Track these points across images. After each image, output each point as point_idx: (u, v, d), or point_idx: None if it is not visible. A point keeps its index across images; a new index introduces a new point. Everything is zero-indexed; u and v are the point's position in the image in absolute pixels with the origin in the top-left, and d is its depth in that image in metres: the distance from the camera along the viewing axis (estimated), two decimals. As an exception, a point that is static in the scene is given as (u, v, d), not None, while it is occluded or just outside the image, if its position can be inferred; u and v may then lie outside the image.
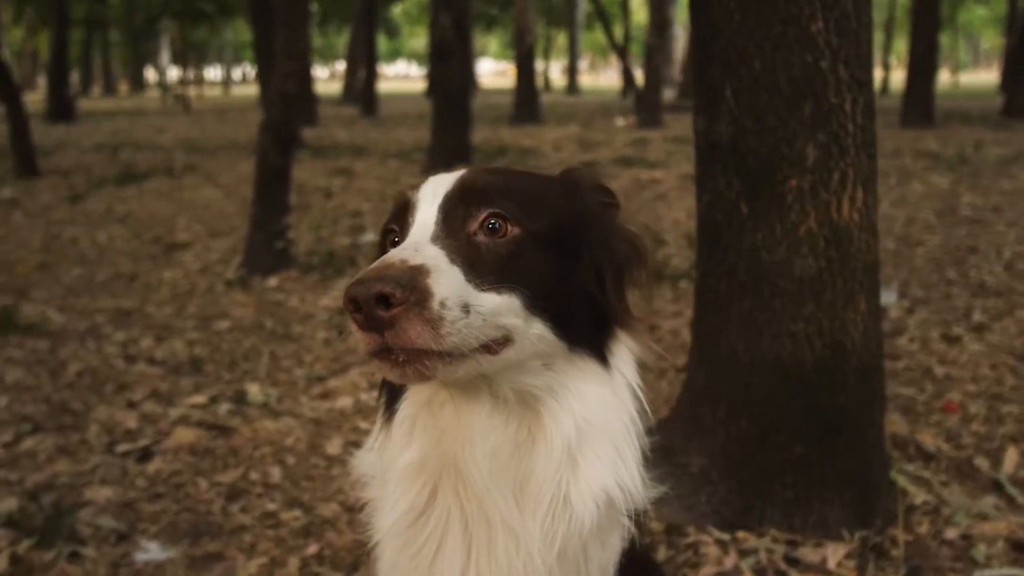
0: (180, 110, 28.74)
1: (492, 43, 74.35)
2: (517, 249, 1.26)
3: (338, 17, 39.99)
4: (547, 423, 1.29)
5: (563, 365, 1.31)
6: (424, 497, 1.34)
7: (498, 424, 1.29)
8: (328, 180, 11.25)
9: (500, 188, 1.30)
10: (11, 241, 7.69)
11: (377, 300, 1.10)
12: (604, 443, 1.30)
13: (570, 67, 45.55)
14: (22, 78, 47.07)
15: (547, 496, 1.29)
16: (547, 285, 1.27)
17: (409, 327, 1.11)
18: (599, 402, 1.31)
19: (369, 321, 1.11)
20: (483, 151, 13.73)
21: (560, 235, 1.32)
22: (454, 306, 1.14)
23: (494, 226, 1.26)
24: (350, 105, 29.50)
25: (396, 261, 1.15)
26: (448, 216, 1.27)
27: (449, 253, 1.21)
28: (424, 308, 1.11)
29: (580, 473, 1.29)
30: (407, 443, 1.35)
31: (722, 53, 2.54)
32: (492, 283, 1.21)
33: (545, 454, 1.29)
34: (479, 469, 1.28)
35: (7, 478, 3.31)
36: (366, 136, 18.17)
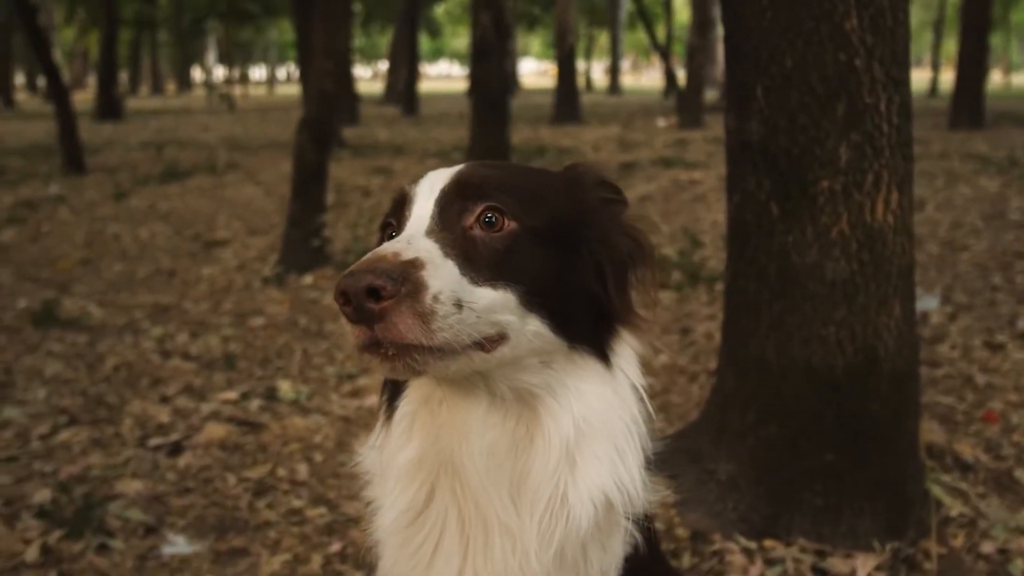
0: (225, 109, 29.16)
1: (534, 43, 74.32)
2: (514, 244, 1.24)
3: (381, 17, 40.25)
4: (545, 422, 1.27)
5: (563, 363, 1.28)
6: (422, 496, 1.32)
7: (495, 421, 1.27)
8: (367, 179, 11.32)
9: (498, 182, 1.27)
10: (56, 237, 7.84)
11: (367, 293, 1.08)
12: (604, 443, 1.27)
13: (612, 67, 45.33)
14: (73, 77, 48.12)
15: (544, 496, 1.26)
16: (544, 281, 1.25)
17: (399, 320, 1.09)
18: (600, 401, 1.28)
19: (359, 314, 1.10)
20: (522, 151, 13.71)
21: (559, 231, 1.30)
22: (447, 300, 1.12)
23: (491, 220, 1.24)
24: (392, 105, 29.67)
25: (388, 254, 1.13)
26: (444, 210, 1.25)
27: (444, 247, 1.19)
28: (416, 301, 1.10)
29: (578, 473, 1.26)
30: (406, 441, 1.34)
31: (753, 51, 2.49)
32: (487, 278, 1.19)
33: (543, 453, 1.26)
34: (475, 467, 1.26)
35: (42, 469, 3.36)
36: (406, 135, 18.26)
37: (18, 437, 3.65)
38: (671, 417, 3.76)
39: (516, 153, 12.78)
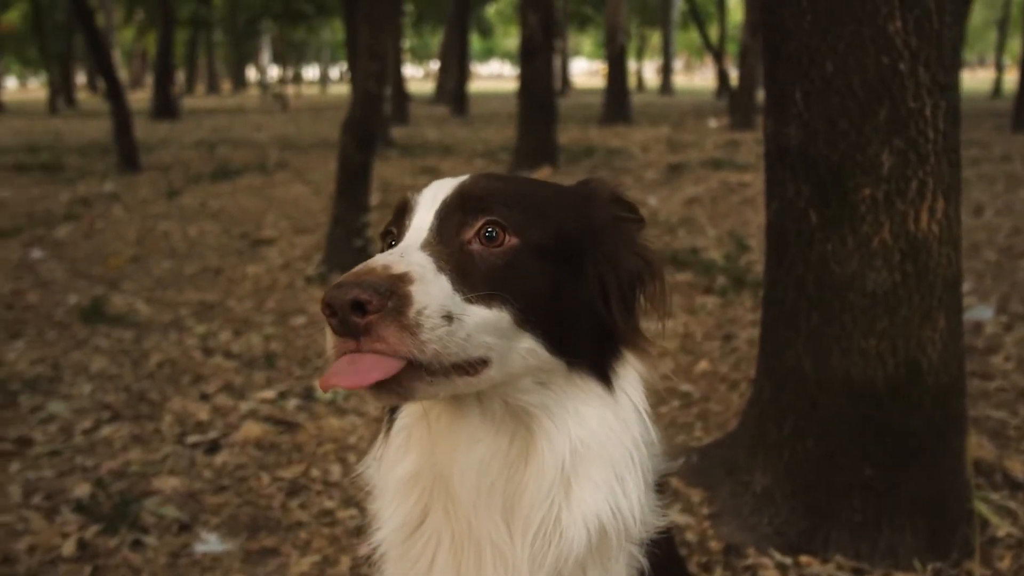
0: (278, 108, 29.57)
1: (586, 43, 74.09)
2: (513, 260, 1.21)
3: (432, 18, 40.48)
4: (540, 442, 1.24)
5: (561, 384, 1.25)
6: (418, 512, 1.31)
7: (487, 439, 1.24)
8: (414, 179, 11.37)
9: (501, 196, 1.24)
10: (109, 234, 8.01)
11: (352, 306, 1.06)
12: (602, 468, 1.23)
13: (664, 67, 44.97)
14: (132, 77, 49.24)
15: (537, 518, 1.23)
16: (543, 299, 1.22)
17: (387, 334, 1.07)
18: (599, 425, 1.24)
19: (344, 327, 1.08)
20: (569, 151, 13.66)
21: (563, 248, 1.26)
22: (434, 315, 1.10)
23: (491, 234, 1.21)
24: (442, 104, 29.82)
25: (378, 267, 1.11)
26: (444, 222, 1.23)
27: (438, 260, 1.17)
28: (401, 315, 1.08)
29: (573, 497, 1.23)
30: (403, 454, 1.32)
31: (793, 54, 2.43)
32: (482, 295, 1.16)
33: (536, 474, 1.23)
34: (465, 484, 1.24)
35: (84, 464, 3.43)
36: (455, 135, 18.32)
37: (62, 431, 3.73)
38: (709, 426, 3.69)
39: (564, 153, 12.74)
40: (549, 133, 12.01)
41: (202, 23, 35.03)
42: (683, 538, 2.87)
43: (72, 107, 33.30)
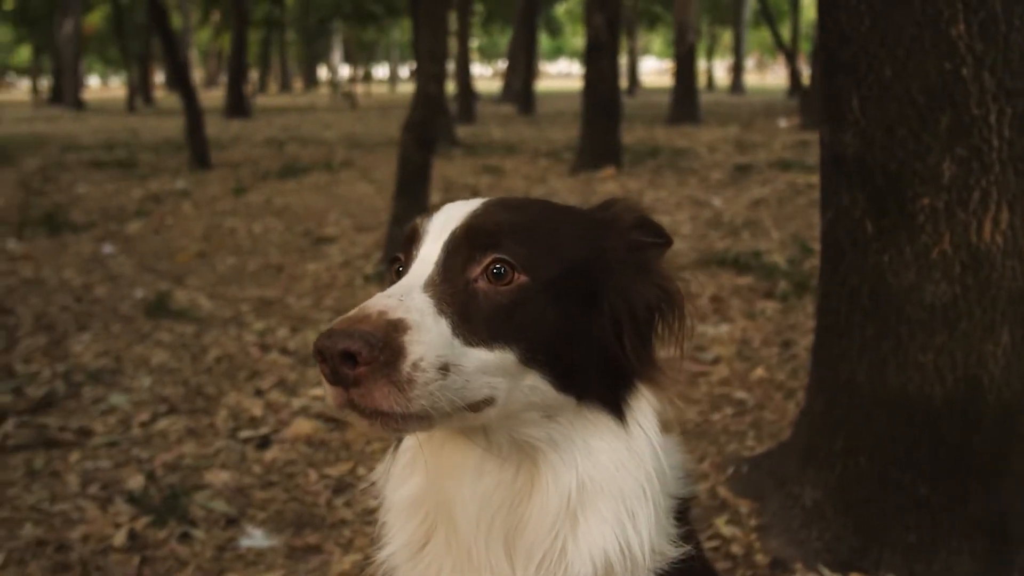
0: (347, 107, 30.00)
1: (656, 41, 73.47)
2: (521, 299, 1.16)
3: (501, 17, 40.60)
4: (545, 476, 1.21)
5: (570, 417, 1.21)
6: (420, 535, 1.29)
7: (491, 469, 1.22)
8: (476, 178, 11.41)
9: (512, 229, 1.19)
10: (177, 230, 8.22)
11: (343, 357, 1.03)
12: (611, 502, 1.20)
13: (735, 66, 44.27)
14: (207, 76, 50.56)
15: (540, 550, 1.20)
16: (551, 338, 1.18)
17: (375, 388, 1.04)
18: (610, 459, 1.21)
19: (335, 376, 1.05)
20: (634, 151, 13.55)
21: (575, 284, 1.21)
22: (429, 367, 1.06)
23: (499, 272, 1.16)
24: (509, 103, 29.88)
25: (374, 313, 1.07)
26: (450, 257, 1.19)
27: (439, 302, 1.13)
28: (393, 370, 1.04)
29: (580, 531, 1.19)
30: (408, 476, 1.30)
31: (850, 59, 2.35)
32: (485, 338, 1.12)
33: (539, 508, 1.20)
34: (467, 513, 1.22)
35: (139, 456, 3.51)
36: (520, 134, 18.33)
37: (121, 423, 3.83)
38: (762, 435, 3.61)
39: (628, 153, 12.65)
40: (613, 133, 11.92)
41: (275, 23, 35.75)
42: (728, 550, 2.81)
43: (150, 106, 34.33)
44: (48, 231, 7.98)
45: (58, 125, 23.73)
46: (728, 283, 5.93)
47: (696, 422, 3.78)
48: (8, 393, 4.13)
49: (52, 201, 9.79)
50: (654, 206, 9.01)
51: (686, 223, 8.11)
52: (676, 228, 7.85)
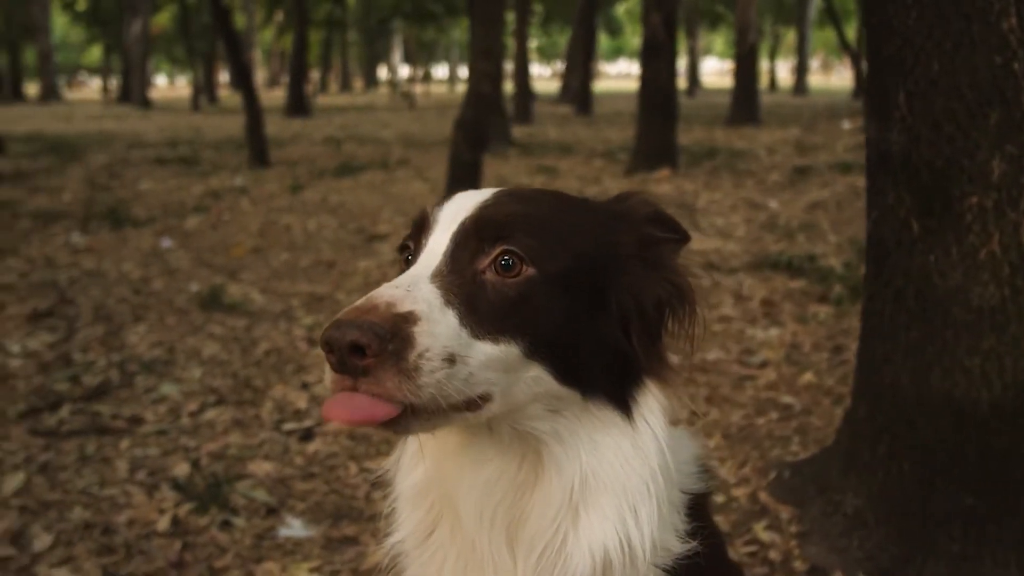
0: (405, 106, 30.27)
1: (717, 41, 72.63)
2: (528, 292, 1.15)
3: (560, 17, 40.56)
4: (548, 469, 1.20)
5: (575, 412, 1.20)
6: (427, 523, 1.29)
7: (495, 462, 1.22)
8: (530, 177, 11.40)
9: (522, 221, 1.18)
10: (234, 225, 8.38)
11: (351, 348, 1.03)
12: (614, 498, 1.18)
13: (798, 66, 43.47)
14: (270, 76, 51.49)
15: (541, 542, 1.19)
16: (556, 332, 1.17)
17: (385, 378, 1.04)
18: (615, 454, 1.19)
19: (342, 366, 1.05)
20: (691, 152, 13.41)
21: (584, 277, 1.20)
22: (435, 357, 1.06)
23: (507, 263, 1.16)
24: (567, 103, 29.83)
25: (382, 304, 1.07)
26: (459, 248, 1.18)
27: (446, 293, 1.13)
28: (401, 359, 1.04)
29: (581, 525, 1.18)
30: (415, 464, 1.31)
31: (896, 53, 2.29)
32: (491, 330, 1.12)
33: (541, 501, 1.20)
34: (470, 504, 1.22)
35: (186, 444, 3.59)
36: (576, 135, 18.28)
37: (171, 412, 3.92)
38: (807, 441, 3.54)
39: (685, 154, 12.53)
40: (669, 134, 11.81)
41: (336, 23, 36.24)
42: (766, 556, 2.76)
43: (214, 104, 35.10)
44: (111, 225, 8.21)
45: (125, 123, 24.41)
46: (781, 286, 5.83)
47: (740, 425, 3.73)
48: (65, 381, 4.26)
49: (116, 196, 10.07)
50: (708, 208, 8.91)
51: (740, 225, 8.00)
52: (730, 230, 7.75)
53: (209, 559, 2.80)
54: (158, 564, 2.76)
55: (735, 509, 3.07)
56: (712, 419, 3.80)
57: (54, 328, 5.07)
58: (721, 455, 3.46)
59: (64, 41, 60.70)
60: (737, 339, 4.82)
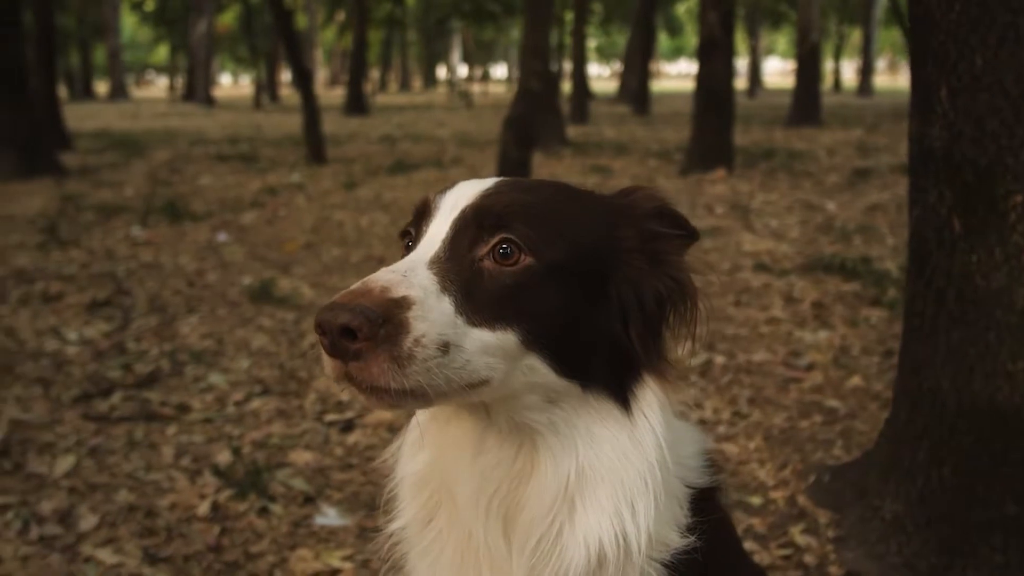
0: (463, 105, 30.42)
1: (780, 41, 71.50)
2: (526, 281, 1.15)
3: (619, 17, 40.36)
4: (544, 460, 1.20)
5: (573, 403, 1.20)
6: (426, 512, 1.30)
7: (492, 451, 1.22)
8: (583, 177, 11.37)
9: (522, 210, 1.18)
10: (289, 221, 8.53)
11: (342, 331, 1.03)
12: (610, 491, 1.18)
13: (864, 67, 42.57)
14: (331, 75, 52.24)
15: (536, 533, 1.19)
16: (553, 322, 1.16)
17: (374, 363, 1.04)
18: (612, 448, 1.19)
19: (334, 348, 1.05)
20: (747, 152, 13.24)
21: (583, 269, 1.20)
22: (430, 344, 1.06)
23: (506, 252, 1.15)
24: (624, 103, 29.68)
25: (376, 288, 1.07)
26: (458, 235, 1.18)
27: (443, 280, 1.12)
28: (394, 345, 1.04)
29: (577, 517, 1.18)
30: (416, 452, 1.32)
31: (938, 48, 2.23)
32: (488, 318, 1.12)
33: (537, 491, 1.19)
34: (467, 493, 1.22)
35: (230, 432, 3.67)
36: (632, 134, 18.19)
37: (217, 401, 4.01)
38: (851, 445, 3.48)
39: (741, 155, 12.39)
40: (725, 134, 11.67)
41: (396, 23, 36.61)
42: (800, 560, 2.72)
43: (275, 103, 35.74)
44: (170, 219, 8.41)
45: (189, 120, 25.01)
46: (833, 289, 5.73)
47: (782, 428, 3.67)
48: (118, 368, 4.38)
49: (176, 191, 10.32)
50: (762, 209, 8.80)
51: (794, 227, 7.88)
52: (783, 232, 7.64)
53: (246, 544, 2.85)
54: (196, 547, 2.83)
55: (772, 511, 3.03)
56: (754, 421, 3.75)
57: (110, 317, 5.23)
58: (761, 457, 3.41)
59: (133, 40, 62.46)
60: (785, 341, 4.75)
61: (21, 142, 11.49)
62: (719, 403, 3.92)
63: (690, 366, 4.33)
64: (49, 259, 6.77)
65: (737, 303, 5.49)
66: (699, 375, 4.26)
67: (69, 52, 45.03)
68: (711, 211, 8.70)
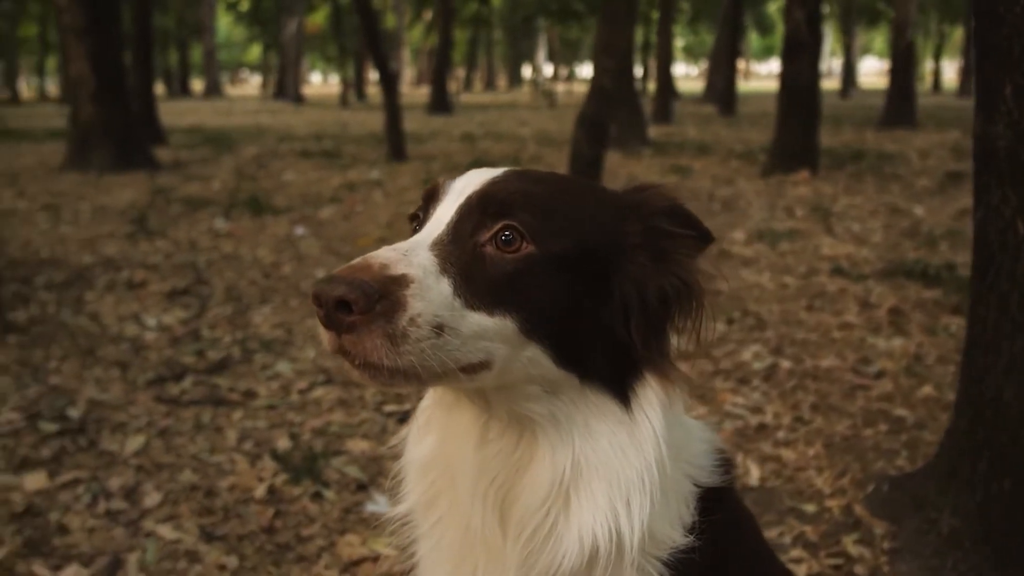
0: (546, 105, 30.44)
1: (877, 40, 69.35)
2: (526, 268, 1.15)
3: (708, 16, 39.77)
4: (542, 451, 1.20)
5: (573, 396, 1.19)
6: (429, 497, 1.32)
7: (492, 439, 1.22)
8: (662, 177, 11.27)
9: (527, 200, 1.18)
10: (365, 216, 8.69)
11: (338, 304, 1.04)
12: (606, 487, 1.17)
13: (965, 67, 40.96)
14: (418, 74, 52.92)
15: (531, 524, 1.20)
16: (552, 312, 1.16)
17: (366, 339, 1.05)
18: (610, 443, 1.18)
19: (329, 321, 1.07)
20: (835, 154, 12.91)
21: (586, 262, 1.19)
22: (424, 324, 1.07)
23: (508, 239, 1.16)
24: (711, 103, 29.25)
25: (376, 264, 1.09)
26: (462, 220, 1.19)
27: (443, 261, 1.13)
28: (388, 322, 1.05)
29: (571, 510, 1.18)
30: (421, 437, 1.34)
31: (1002, 43, 2.14)
32: (486, 302, 1.12)
33: (532, 483, 1.20)
34: (466, 479, 1.23)
35: (292, 419, 3.77)
36: (716, 135, 17.92)
37: (282, 389, 4.12)
38: (915, 456, 3.36)
39: (827, 156, 12.09)
40: (810, 135, 11.39)
41: (482, 22, 36.88)
42: (851, 570, 2.65)
43: (362, 101, 36.41)
44: (251, 212, 8.67)
45: (277, 117, 25.71)
46: (913, 295, 5.54)
47: (844, 435, 3.57)
48: (192, 354, 4.55)
49: (260, 186, 10.62)
50: (845, 212, 8.56)
51: (877, 231, 7.64)
52: (865, 236, 7.42)
53: (297, 527, 2.93)
54: (251, 528, 2.92)
55: (826, 519, 2.95)
56: (815, 427, 3.66)
57: (188, 305, 5.42)
58: (819, 464, 3.33)
59: (228, 40, 64.55)
60: (856, 347, 4.62)
61: (117, 137, 12.02)
62: (781, 408, 3.84)
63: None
64: (136, 248, 7.06)
65: (810, 307, 5.37)
66: (763, 379, 4.18)
67: (168, 51, 46.82)
68: (791, 213, 8.52)
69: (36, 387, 4.07)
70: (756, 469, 3.30)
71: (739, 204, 9.14)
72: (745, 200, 9.39)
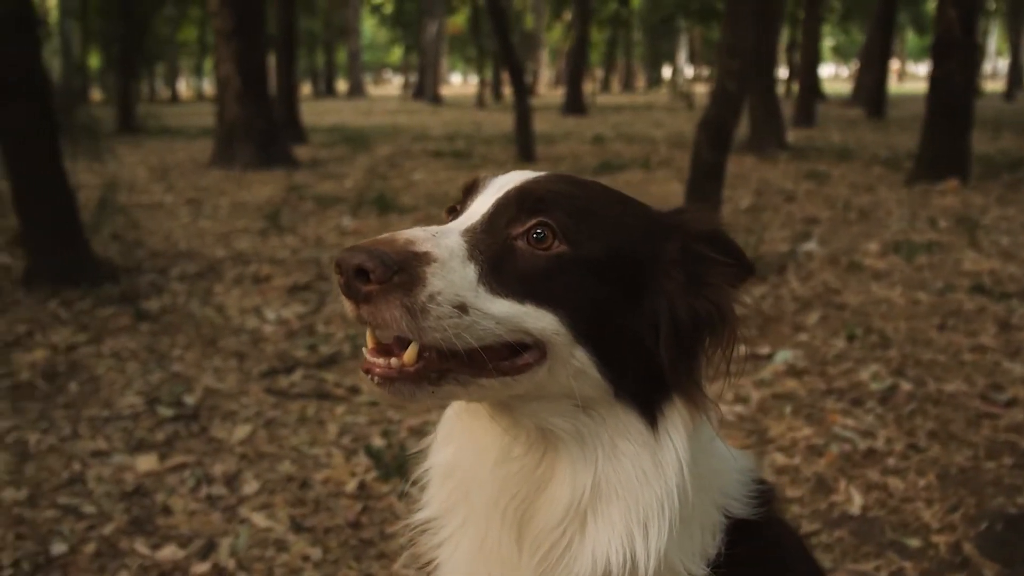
0: (684, 106, 29.93)
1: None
2: (556, 267, 1.14)
3: (861, 14, 38.07)
4: (563, 469, 1.17)
5: (602, 412, 1.17)
6: (448, 505, 1.31)
7: (516, 454, 1.21)
8: (795, 183, 10.88)
9: (564, 202, 1.17)
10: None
11: (357, 272, 1.06)
12: (624, 510, 1.14)
13: None
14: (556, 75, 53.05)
15: (547, 542, 1.17)
16: (583, 313, 1.14)
17: (385, 308, 1.05)
18: (632, 464, 1.15)
19: (348, 289, 1.07)
20: (991, 162, 12.12)
21: (617, 269, 1.18)
22: (445, 302, 1.06)
23: (540, 236, 1.15)
24: (859, 106, 27.99)
25: (401, 240, 1.10)
26: (497, 212, 1.19)
27: (472, 248, 1.13)
28: (406, 295, 1.05)
29: (588, 531, 1.15)
30: (444, 444, 1.33)
31: None
32: (512, 292, 1.12)
33: (552, 500, 1.17)
34: (484, 494, 1.22)
35: (391, 418, 3.85)
36: (861, 139, 17.14)
37: (384, 386, 4.21)
38: (1039, 494, 3.10)
39: (980, 163, 11.40)
40: (961, 141, 10.71)
41: (620, 22, 36.61)
42: (951, 613, 2.47)
43: (498, 101, 36.85)
44: (378, 211, 8.92)
45: (415, 117, 26.37)
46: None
47: (962, 467, 3.34)
48: (305, 348, 4.72)
49: (390, 185, 10.92)
50: (995, 225, 8.00)
51: (1028, 246, 7.11)
52: (1014, 251, 6.91)
53: (382, 523, 2.99)
54: (338, 521, 3.00)
55: (930, 556, 2.77)
56: (931, 456, 3.43)
57: (307, 301, 5.63)
58: (930, 496, 3.12)
59: (372, 42, 66.73)
60: (988, 372, 4.31)
61: (259, 136, 12.64)
62: (895, 433, 3.62)
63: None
64: (266, 244, 7.40)
65: (942, 326, 5.04)
66: (879, 401, 3.96)
67: (315, 53, 48.81)
68: (933, 225, 8.04)
69: (159, 373, 4.32)
70: (859, 497, 3.12)
71: (877, 213, 8.70)
72: (884, 209, 8.93)
